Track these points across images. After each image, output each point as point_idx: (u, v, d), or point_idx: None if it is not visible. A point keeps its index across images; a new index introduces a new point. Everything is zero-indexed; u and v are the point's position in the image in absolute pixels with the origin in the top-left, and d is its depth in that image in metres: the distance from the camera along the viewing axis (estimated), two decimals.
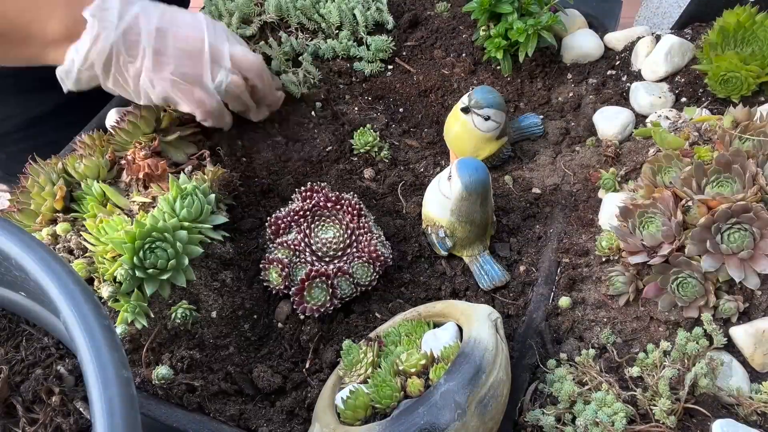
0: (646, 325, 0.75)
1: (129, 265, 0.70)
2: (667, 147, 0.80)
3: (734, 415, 0.66)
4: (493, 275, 0.84)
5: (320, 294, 0.78)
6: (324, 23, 1.10)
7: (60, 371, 0.53)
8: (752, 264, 0.69)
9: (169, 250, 0.71)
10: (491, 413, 0.61)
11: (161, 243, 0.71)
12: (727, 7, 0.93)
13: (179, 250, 0.72)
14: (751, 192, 0.69)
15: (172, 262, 0.71)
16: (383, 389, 0.63)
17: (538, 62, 1.06)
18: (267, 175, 0.94)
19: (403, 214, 0.92)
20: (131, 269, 0.70)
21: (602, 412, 0.63)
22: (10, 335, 0.56)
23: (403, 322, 0.74)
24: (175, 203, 0.75)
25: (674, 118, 0.90)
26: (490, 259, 0.86)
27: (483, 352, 0.62)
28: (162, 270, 0.71)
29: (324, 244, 0.82)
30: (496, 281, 0.84)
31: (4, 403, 0.51)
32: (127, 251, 0.70)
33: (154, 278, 0.72)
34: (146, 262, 0.71)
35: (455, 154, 0.95)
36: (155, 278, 0.72)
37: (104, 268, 0.72)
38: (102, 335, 0.41)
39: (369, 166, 0.97)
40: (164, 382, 0.70)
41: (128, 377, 0.40)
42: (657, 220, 0.72)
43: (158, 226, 0.71)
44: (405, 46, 1.12)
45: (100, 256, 0.73)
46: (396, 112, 1.06)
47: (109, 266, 0.72)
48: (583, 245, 0.84)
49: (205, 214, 0.77)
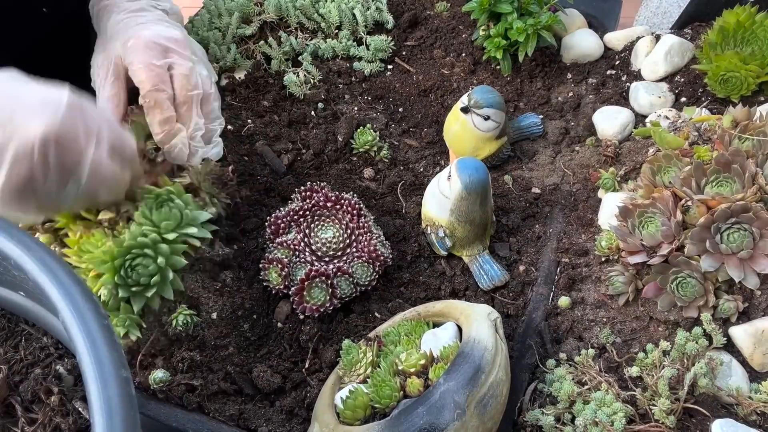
0: (646, 325, 0.75)
1: (111, 285, 0.67)
2: (667, 147, 0.80)
3: (734, 415, 0.66)
4: (492, 275, 0.84)
5: (320, 294, 0.78)
6: (324, 23, 1.10)
7: (59, 371, 0.53)
8: (751, 264, 0.69)
9: (151, 266, 0.68)
10: (491, 413, 0.61)
11: (142, 259, 0.68)
12: (726, 6, 0.93)
13: (162, 265, 0.69)
14: (750, 192, 0.69)
15: (155, 278, 0.68)
16: (383, 389, 0.63)
17: (537, 62, 1.06)
18: (269, 173, 0.94)
19: (403, 214, 0.92)
20: (114, 288, 0.67)
21: (602, 412, 0.63)
22: (9, 335, 0.56)
23: (403, 322, 0.74)
24: (152, 215, 0.70)
25: (674, 117, 0.90)
26: (490, 259, 0.86)
27: (482, 352, 0.62)
28: (146, 286, 0.69)
29: (324, 244, 0.82)
30: (495, 281, 0.84)
31: (3, 403, 0.51)
32: (107, 271, 0.67)
33: (140, 294, 0.69)
34: (129, 279, 0.68)
35: (455, 154, 0.95)
36: (141, 294, 0.69)
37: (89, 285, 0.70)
38: (101, 335, 0.41)
39: (369, 166, 0.97)
40: (162, 385, 0.70)
41: (127, 377, 0.40)
42: (656, 219, 0.72)
43: (137, 241, 0.68)
44: (405, 46, 1.12)
45: (84, 273, 0.69)
46: (395, 112, 1.06)
47: (92, 284, 0.68)
48: (583, 245, 0.84)
49: (186, 218, 0.72)
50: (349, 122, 0.99)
